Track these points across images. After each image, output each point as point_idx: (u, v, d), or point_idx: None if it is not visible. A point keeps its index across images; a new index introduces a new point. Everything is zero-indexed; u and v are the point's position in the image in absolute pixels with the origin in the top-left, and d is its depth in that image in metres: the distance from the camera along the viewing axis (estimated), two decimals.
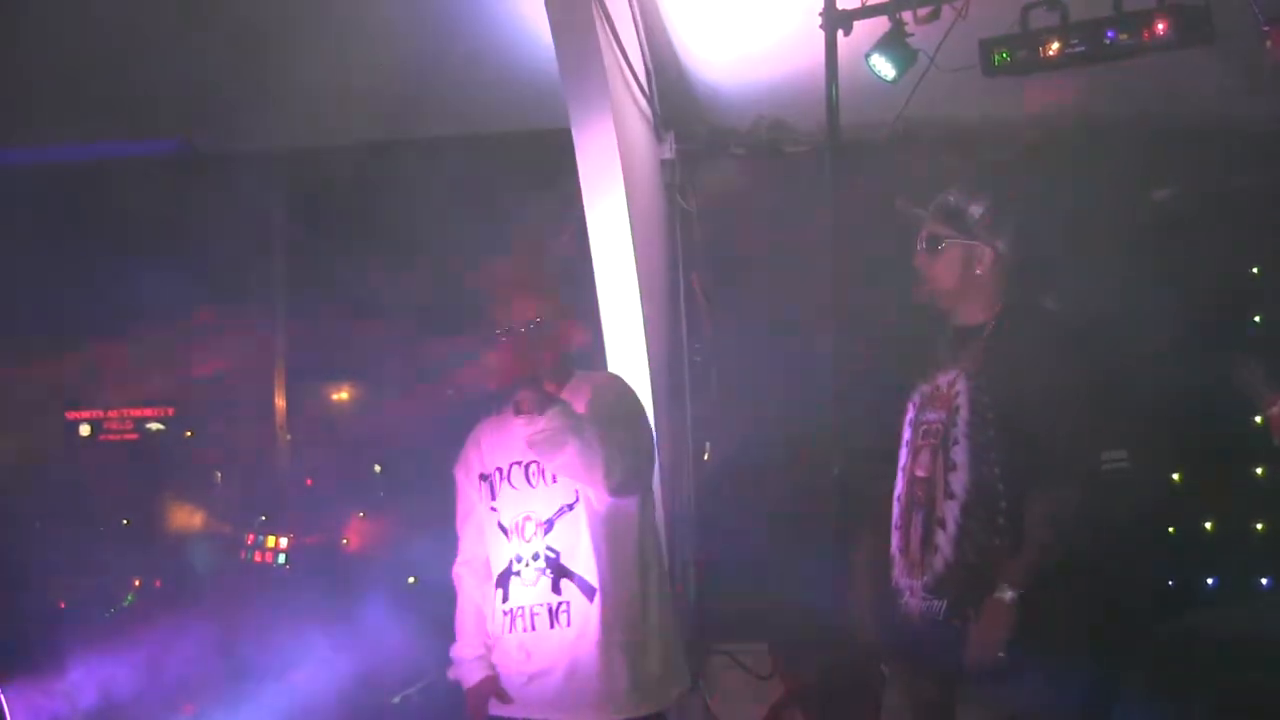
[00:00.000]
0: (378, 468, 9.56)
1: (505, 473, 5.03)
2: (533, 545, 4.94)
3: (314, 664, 7.44)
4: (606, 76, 6.53)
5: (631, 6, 7.13)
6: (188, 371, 9.49)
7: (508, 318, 5.04)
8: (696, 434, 7.85)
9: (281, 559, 8.67)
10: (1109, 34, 6.07)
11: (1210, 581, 8.20)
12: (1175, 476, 8.16)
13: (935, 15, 6.50)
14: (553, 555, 4.91)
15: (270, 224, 9.43)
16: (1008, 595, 4.77)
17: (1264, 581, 8.11)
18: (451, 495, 5.33)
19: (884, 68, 6.64)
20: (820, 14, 6.73)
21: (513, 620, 4.98)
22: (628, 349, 6.84)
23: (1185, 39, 6.02)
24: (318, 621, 7.62)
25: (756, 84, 7.67)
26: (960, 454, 4.98)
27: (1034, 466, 4.85)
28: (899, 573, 5.14)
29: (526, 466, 5.00)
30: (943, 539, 4.96)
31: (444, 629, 5.38)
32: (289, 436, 9.73)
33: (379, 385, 9.75)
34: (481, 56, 7.42)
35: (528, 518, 4.97)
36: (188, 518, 9.27)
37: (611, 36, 6.66)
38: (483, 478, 5.09)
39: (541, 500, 4.97)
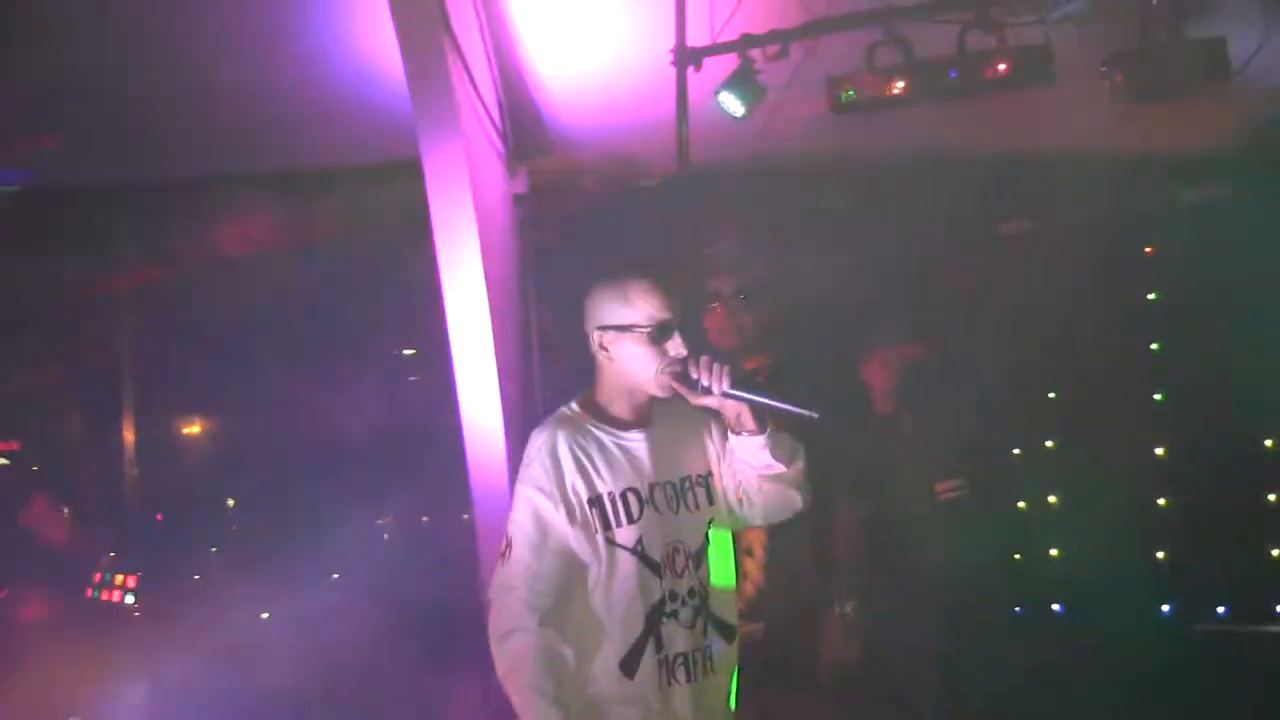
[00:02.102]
0: (231, 501, 9.44)
1: (645, 494, 4.25)
2: (686, 580, 4.25)
3: (165, 706, 7.31)
4: (458, 110, 6.51)
5: (485, 41, 7.13)
6: (34, 404, 9.30)
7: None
8: None
9: (130, 598, 8.50)
10: (952, 73, 6.22)
11: (1057, 608, 8.36)
12: (1021, 505, 8.31)
13: (784, 53, 6.58)
14: (703, 591, 4.29)
15: (115, 257, 9.29)
16: (848, 607, 5.03)
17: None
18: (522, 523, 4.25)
19: (733, 104, 6.71)
20: (671, 51, 6.77)
21: (670, 672, 4.20)
22: (479, 383, 6.80)
23: (1025, 78, 6.17)
24: (168, 661, 7.46)
25: (609, 118, 7.70)
26: None
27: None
28: None
29: (667, 486, 4.30)
30: (752, 565, 5.11)
31: (307, 665, 5.21)
32: (137, 471, 9.57)
33: (233, 418, 9.63)
34: (333, 88, 7.39)
35: (677, 548, 4.26)
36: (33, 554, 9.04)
37: (464, 70, 6.65)
38: (593, 502, 4.20)
39: (688, 528, 4.31)
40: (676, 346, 4.20)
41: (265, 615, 8.15)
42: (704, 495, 4.37)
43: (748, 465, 4.31)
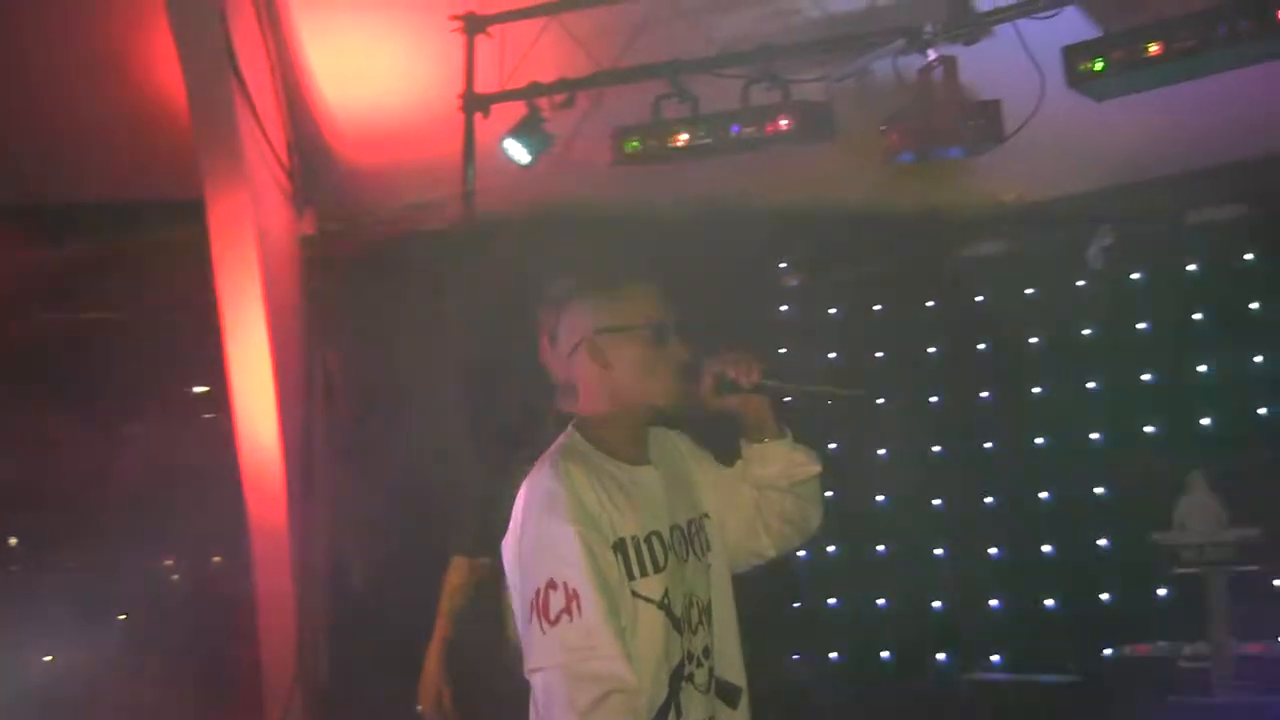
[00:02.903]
0: (13, 540, 9.22)
1: (667, 539, 3.60)
2: (700, 637, 3.65)
3: None
4: (243, 150, 6.46)
5: (275, 82, 7.08)
6: None
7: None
8: (333, 507, 7.75)
9: None
10: (734, 128, 6.30)
11: (835, 656, 8.49)
12: (800, 553, 8.41)
13: (570, 102, 6.62)
14: (713, 649, 3.70)
15: None
16: None
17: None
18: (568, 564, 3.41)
19: (518, 152, 6.73)
20: (460, 96, 6.79)
21: None
22: (259, 426, 6.74)
23: (806, 134, 6.28)
24: None
25: (399, 162, 7.67)
26: None
27: None
28: None
29: (677, 531, 3.66)
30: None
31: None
32: None
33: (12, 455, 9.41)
34: (117, 123, 7.27)
35: (692, 601, 3.65)
36: None
37: (251, 111, 6.60)
38: (617, 547, 3.49)
39: (699, 576, 3.70)
40: (681, 348, 3.65)
41: (48, 658, 7.97)
42: (705, 540, 3.74)
43: (771, 476, 3.78)
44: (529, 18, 6.70)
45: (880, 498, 8.60)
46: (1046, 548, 8.35)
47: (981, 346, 8.39)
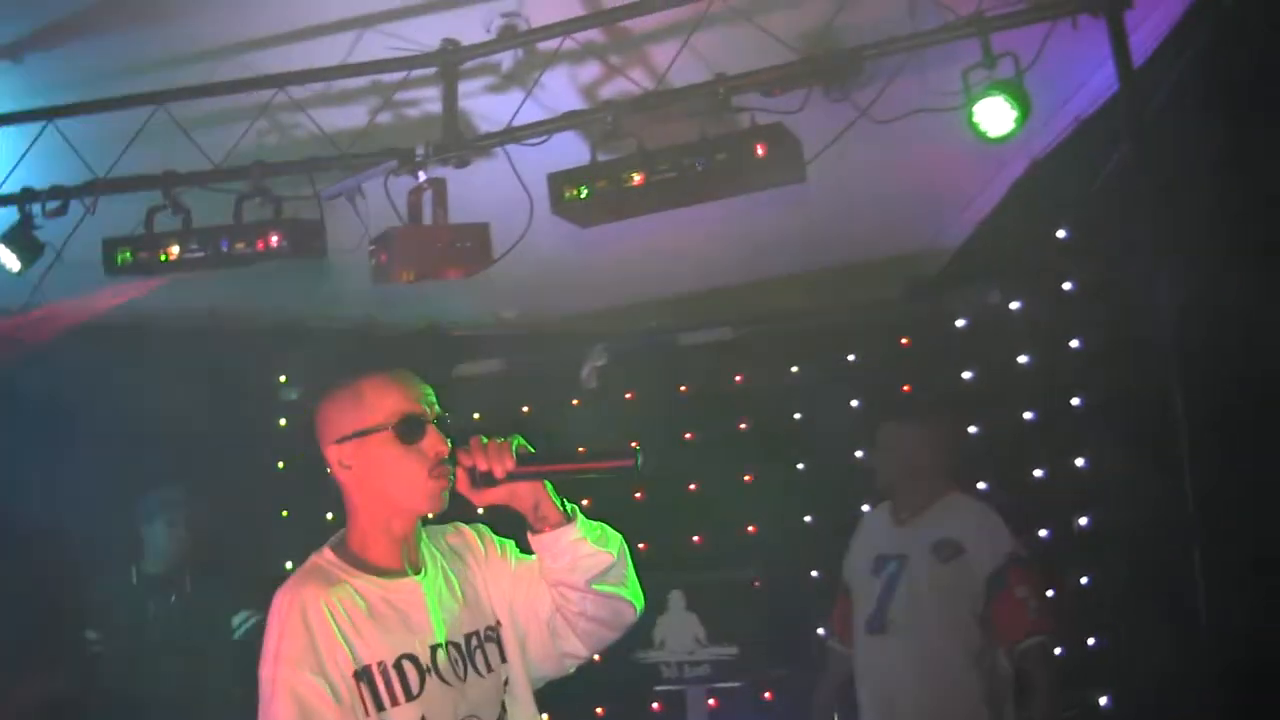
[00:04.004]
0: None
1: (426, 662, 3.30)
2: None
3: None
4: None
5: None
6: None
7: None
8: None
9: None
10: (223, 243, 6.34)
11: None
12: None
13: (64, 210, 6.55)
14: None
15: None
16: None
17: None
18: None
19: (7, 259, 6.60)
20: None
21: None
22: None
23: (298, 251, 6.37)
24: None
25: None
26: None
27: None
28: None
29: (451, 648, 3.37)
30: None
31: None
32: None
33: None
34: None
35: None
36: None
37: None
38: (360, 675, 3.22)
39: (482, 697, 3.38)
40: (435, 442, 3.35)
41: None
42: (495, 653, 3.47)
43: (562, 571, 3.43)
44: (25, 121, 6.61)
45: None
46: None
47: None
